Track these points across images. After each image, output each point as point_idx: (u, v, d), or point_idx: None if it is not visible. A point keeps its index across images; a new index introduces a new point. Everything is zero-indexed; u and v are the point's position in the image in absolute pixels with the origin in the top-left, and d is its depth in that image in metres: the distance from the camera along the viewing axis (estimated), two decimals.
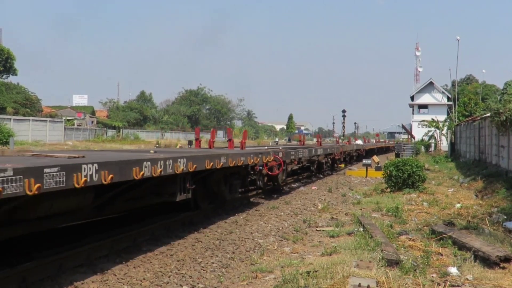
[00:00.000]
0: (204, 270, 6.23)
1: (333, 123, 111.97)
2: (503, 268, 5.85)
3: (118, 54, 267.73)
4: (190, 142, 34.02)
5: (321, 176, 20.25)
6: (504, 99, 22.00)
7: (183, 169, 7.25)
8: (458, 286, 5.33)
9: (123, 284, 5.60)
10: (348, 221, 9.56)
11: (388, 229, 8.27)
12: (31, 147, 30.26)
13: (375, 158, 25.70)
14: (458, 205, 11.15)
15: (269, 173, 12.47)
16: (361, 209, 10.97)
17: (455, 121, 39.36)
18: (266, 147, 17.17)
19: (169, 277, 5.89)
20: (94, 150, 14.41)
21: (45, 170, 4.58)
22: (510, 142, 15.01)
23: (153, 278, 5.83)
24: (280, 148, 15.44)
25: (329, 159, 21.14)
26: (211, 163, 8.28)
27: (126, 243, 7.18)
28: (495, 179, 14.88)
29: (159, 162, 6.63)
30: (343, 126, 66.07)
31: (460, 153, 32.10)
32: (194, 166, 7.64)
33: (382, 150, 43.60)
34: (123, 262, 6.41)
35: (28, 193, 4.37)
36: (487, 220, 8.92)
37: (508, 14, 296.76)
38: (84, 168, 5.07)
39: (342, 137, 54.03)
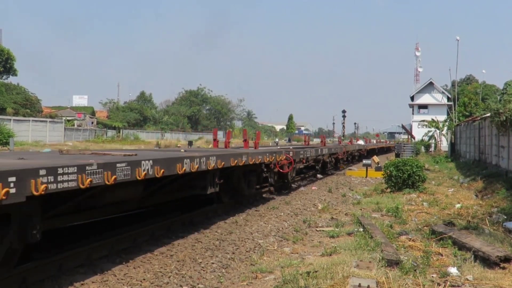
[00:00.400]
0: (204, 271, 6.23)
1: (333, 123, 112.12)
2: (503, 268, 5.85)
3: (118, 54, 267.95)
4: (190, 143, 34.10)
5: (321, 176, 20.47)
6: (504, 99, 22.01)
7: (214, 166, 8.36)
8: (458, 286, 5.33)
9: (123, 285, 5.60)
10: (348, 222, 9.56)
11: (388, 229, 8.27)
12: (31, 148, 30.26)
13: (375, 158, 25.70)
14: (458, 205, 11.15)
15: (280, 170, 13.14)
16: (361, 209, 10.97)
17: (455, 121, 39.37)
18: (278, 147, 18.50)
19: (169, 277, 5.90)
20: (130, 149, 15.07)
21: (117, 165, 5.73)
22: (510, 142, 15.01)
23: (153, 278, 5.83)
24: (290, 148, 16.25)
25: (333, 159, 21.88)
26: (235, 161, 9.32)
27: (126, 243, 7.18)
28: (495, 179, 14.88)
29: (195, 159, 7.70)
30: (343, 126, 66.12)
31: (460, 153, 32.11)
32: (222, 163, 8.70)
33: (383, 150, 44.00)
34: (123, 263, 6.41)
35: (107, 183, 5.46)
36: (487, 220, 8.92)
37: (508, 14, 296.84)
38: (143, 164, 6.21)
39: (342, 137, 54.03)
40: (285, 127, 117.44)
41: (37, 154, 8.17)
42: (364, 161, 22.54)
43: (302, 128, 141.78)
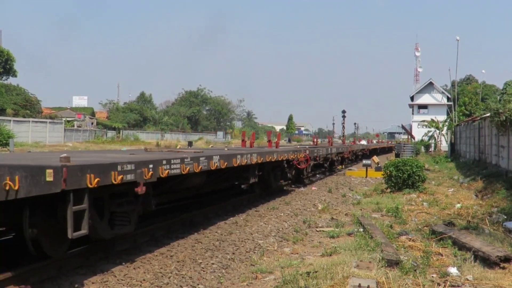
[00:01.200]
0: (204, 271, 6.23)
1: (333, 123, 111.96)
2: (503, 268, 5.85)
3: (118, 55, 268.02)
4: (190, 143, 34.18)
5: (328, 173, 21.63)
6: (504, 99, 22.00)
7: (256, 161, 10.49)
8: (458, 286, 5.34)
9: (123, 285, 5.60)
10: (348, 222, 9.57)
11: (388, 230, 8.27)
12: (31, 149, 30.26)
13: (375, 158, 25.70)
14: (458, 205, 11.15)
15: (298, 166, 14.88)
16: (361, 210, 10.97)
17: (455, 121, 39.36)
18: (298, 146, 20.49)
19: (169, 278, 5.89)
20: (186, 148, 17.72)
21: (200, 158, 7.90)
22: (510, 142, 15.01)
23: (153, 279, 5.83)
24: (307, 147, 18.35)
25: (339, 157, 23.71)
26: (269, 157, 11.56)
27: (126, 244, 7.18)
28: (495, 179, 14.87)
29: (244, 155, 9.89)
30: (343, 126, 65.90)
31: (460, 153, 32.11)
32: (261, 159, 10.92)
33: (384, 150, 44.89)
34: (123, 263, 6.40)
35: (196, 171, 7.68)
36: (487, 220, 8.92)
37: (508, 14, 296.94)
38: (214, 158, 8.43)
39: (341, 137, 54.02)
40: (285, 128, 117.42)
41: (131, 151, 10.82)
42: (364, 161, 22.55)
43: (302, 129, 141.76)
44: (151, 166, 6.43)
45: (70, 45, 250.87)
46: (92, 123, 65.66)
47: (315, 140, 26.15)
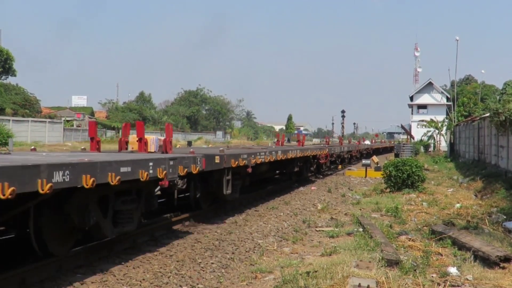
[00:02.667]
0: (203, 271, 6.22)
1: (333, 123, 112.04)
2: (503, 268, 5.85)
3: (117, 55, 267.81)
4: (189, 143, 34.20)
5: (335, 170, 23.94)
6: (503, 99, 22.00)
7: (299, 155, 14.72)
8: (458, 286, 5.33)
9: (123, 285, 5.59)
10: (348, 222, 9.56)
11: (387, 229, 8.27)
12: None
13: (375, 158, 25.71)
14: (457, 205, 11.15)
15: (320, 161, 18.47)
16: (360, 210, 10.97)
17: (454, 121, 39.36)
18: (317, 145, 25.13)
19: (168, 277, 5.89)
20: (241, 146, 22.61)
21: (260, 153, 11.17)
22: (510, 142, 15.01)
23: (152, 278, 5.82)
24: (326, 146, 22.12)
25: (349, 155, 27.08)
26: (307, 153, 15.96)
27: (126, 243, 7.17)
28: (494, 179, 14.88)
29: (291, 151, 14.03)
30: (342, 126, 65.97)
31: (459, 153, 32.12)
32: (302, 153, 15.19)
33: (386, 150, 46.37)
34: (123, 263, 6.40)
35: (266, 160, 11.54)
36: (486, 220, 8.92)
37: (507, 14, 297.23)
38: (278, 152, 12.44)
39: (343, 138, 54.10)
40: (284, 127, 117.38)
41: (214, 148, 14.41)
42: (364, 161, 22.56)
43: (301, 128, 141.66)
44: (252, 155, 10.59)
45: (70, 44, 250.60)
46: None
47: (327, 140, 29.85)
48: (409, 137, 52.66)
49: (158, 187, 7.58)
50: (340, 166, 25.22)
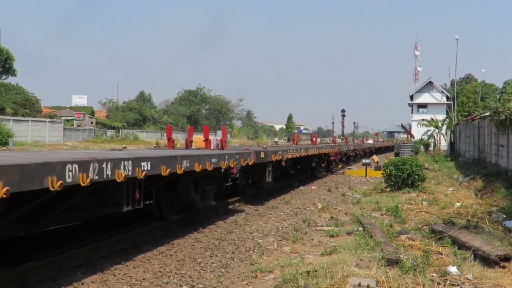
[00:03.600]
0: (203, 270, 6.23)
1: (333, 122, 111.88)
2: (503, 267, 5.85)
3: (117, 54, 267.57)
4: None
5: (343, 166, 25.34)
6: (503, 98, 22.00)
7: (316, 152, 17.11)
8: (458, 285, 5.33)
9: (123, 285, 5.59)
10: (348, 221, 9.56)
11: (387, 229, 8.26)
12: (31, 148, 30.23)
13: (375, 157, 25.71)
14: (457, 204, 11.15)
15: (330, 159, 20.83)
16: (360, 209, 10.97)
17: (454, 121, 39.35)
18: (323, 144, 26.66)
19: (168, 277, 5.89)
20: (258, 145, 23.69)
21: (289, 150, 13.58)
22: (510, 141, 15.01)
23: (152, 278, 5.82)
24: (336, 145, 23.82)
25: (355, 153, 29.36)
26: (322, 151, 18.55)
27: (126, 243, 7.17)
28: (494, 178, 14.87)
29: (311, 149, 16.33)
30: (343, 125, 66.06)
31: (459, 152, 32.11)
32: (318, 151, 17.65)
33: (388, 149, 47.61)
34: (123, 262, 6.40)
35: (295, 156, 14.32)
36: (486, 219, 8.92)
37: (507, 13, 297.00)
38: (301, 149, 15.11)
39: (341, 137, 54.16)
40: (284, 127, 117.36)
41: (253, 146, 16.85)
42: (364, 160, 22.57)
43: (302, 128, 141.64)
44: (284, 152, 12.94)
45: (70, 44, 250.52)
46: (91, 122, 65.60)
47: (334, 139, 32.02)
48: (409, 136, 52.70)
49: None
50: (340, 166, 25.19)
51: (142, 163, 6.18)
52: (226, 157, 8.98)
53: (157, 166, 6.52)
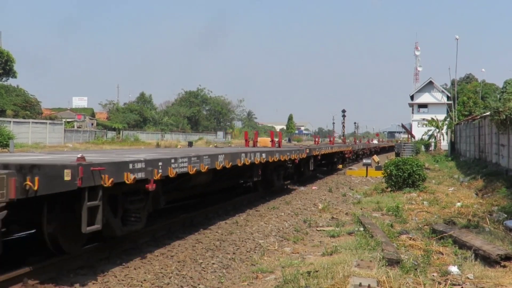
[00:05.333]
0: (204, 271, 6.23)
1: (333, 123, 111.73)
2: (504, 266, 5.85)
3: (117, 55, 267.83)
4: (190, 143, 34.24)
5: (354, 162, 28.74)
6: (503, 97, 21.97)
7: (339, 150, 22.59)
8: (459, 285, 5.33)
9: (124, 286, 5.59)
10: (349, 221, 9.56)
11: (388, 229, 8.27)
12: (31, 150, 30.24)
13: (375, 157, 25.73)
14: (458, 204, 11.15)
15: (345, 156, 24.55)
16: (361, 209, 10.97)
17: (455, 120, 39.34)
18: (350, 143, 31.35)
19: (169, 278, 5.89)
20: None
21: (321, 148, 18.51)
22: (510, 141, 15.01)
23: (153, 279, 5.82)
24: (348, 145, 26.65)
25: (362, 152, 32.12)
26: (341, 149, 23.07)
27: (126, 244, 7.17)
28: (495, 177, 14.87)
29: (334, 147, 21.39)
30: (343, 126, 65.86)
31: (460, 152, 32.10)
32: (340, 149, 22.68)
33: (392, 148, 48.28)
34: (124, 264, 6.40)
35: (319, 154, 17.69)
36: (487, 219, 8.92)
37: (507, 13, 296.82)
38: (327, 147, 20.26)
39: (342, 137, 54.29)
40: (285, 127, 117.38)
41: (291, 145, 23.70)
42: (364, 161, 22.58)
43: (302, 128, 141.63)
44: (319, 149, 17.39)
45: (70, 46, 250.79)
46: (92, 124, 65.64)
47: (343, 139, 36.25)
48: (409, 136, 52.70)
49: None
50: (340, 166, 25.31)
51: (261, 154, 10.91)
52: (293, 151, 13.55)
53: (266, 156, 11.17)
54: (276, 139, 15.49)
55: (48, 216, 5.57)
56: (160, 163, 6.64)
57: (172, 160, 6.98)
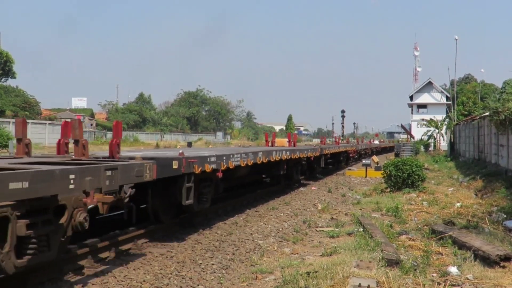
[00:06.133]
0: (204, 272, 6.22)
1: (333, 123, 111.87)
2: (503, 267, 5.85)
3: (116, 56, 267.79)
4: (189, 144, 34.23)
5: (356, 162, 29.77)
6: (503, 98, 22.00)
7: (345, 150, 25.23)
8: (458, 285, 5.33)
9: (123, 287, 5.59)
10: (348, 222, 9.56)
11: (388, 229, 8.27)
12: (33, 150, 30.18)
13: (375, 158, 25.74)
14: (458, 205, 11.15)
15: (349, 155, 26.69)
16: (361, 209, 10.97)
17: (454, 121, 39.37)
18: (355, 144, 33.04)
19: (169, 279, 5.88)
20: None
21: (331, 148, 21.33)
22: (510, 141, 15.02)
23: (153, 280, 5.82)
24: (352, 145, 28.91)
25: (365, 151, 33.63)
26: (346, 149, 25.30)
27: (127, 245, 7.17)
28: (494, 178, 14.88)
29: (343, 147, 24.70)
30: (342, 126, 66.01)
31: (459, 152, 32.12)
32: (345, 149, 24.91)
33: (392, 149, 48.63)
34: (123, 264, 6.40)
35: (330, 152, 21.09)
36: (487, 219, 8.92)
37: (507, 13, 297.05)
38: (341, 146, 24.96)
39: (342, 138, 54.30)
40: (284, 128, 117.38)
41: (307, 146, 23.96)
42: (364, 161, 22.58)
43: (301, 129, 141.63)
44: (331, 148, 20.99)
45: (69, 46, 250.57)
46: (91, 124, 65.67)
47: (347, 140, 39.46)
48: (409, 136, 52.77)
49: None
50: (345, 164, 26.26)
51: (286, 152, 13.27)
52: (311, 150, 16.10)
53: (289, 154, 13.50)
54: (292, 140, 17.80)
55: (152, 195, 7.86)
56: (224, 158, 8.94)
57: (231, 156, 9.35)
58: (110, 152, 7.03)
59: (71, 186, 4.84)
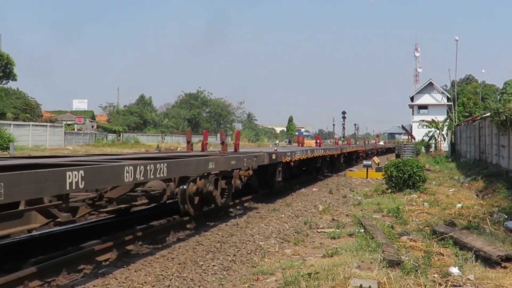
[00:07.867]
0: (205, 273, 6.23)
1: (333, 124, 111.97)
2: (505, 267, 5.84)
3: (117, 58, 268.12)
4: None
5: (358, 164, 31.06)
6: (503, 98, 21.98)
7: (355, 150, 29.36)
8: (459, 286, 5.33)
9: None
10: (349, 223, 9.56)
11: (389, 230, 8.26)
12: (31, 152, 30.25)
13: (376, 159, 25.73)
14: (459, 205, 11.14)
15: (359, 154, 29.64)
16: (362, 210, 10.96)
17: (455, 121, 39.35)
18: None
19: (170, 280, 5.89)
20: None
21: (347, 148, 27.13)
22: (510, 142, 15.00)
23: (154, 281, 5.82)
24: (362, 146, 32.98)
25: (371, 152, 35.82)
26: (356, 149, 29.63)
27: (127, 246, 7.17)
28: (495, 178, 14.86)
29: (355, 147, 30.39)
30: (343, 127, 66.02)
31: (460, 153, 32.09)
32: (357, 149, 29.89)
33: (394, 150, 49.08)
34: (124, 266, 6.40)
35: (345, 151, 25.50)
36: (488, 220, 8.91)
37: (507, 13, 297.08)
38: (353, 146, 30.44)
39: (342, 139, 54.25)
40: (285, 129, 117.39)
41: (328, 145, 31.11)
42: (365, 162, 22.57)
43: (302, 130, 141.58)
44: (346, 148, 26.22)
45: (70, 48, 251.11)
46: (92, 126, 65.71)
47: (355, 141, 41.22)
48: (410, 137, 52.75)
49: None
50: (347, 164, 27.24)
51: (321, 150, 17.99)
52: (335, 149, 20.16)
53: (323, 152, 17.83)
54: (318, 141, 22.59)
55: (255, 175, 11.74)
56: (293, 153, 13.65)
57: (296, 152, 14.08)
58: (234, 148, 12.70)
59: (233, 165, 9.49)
